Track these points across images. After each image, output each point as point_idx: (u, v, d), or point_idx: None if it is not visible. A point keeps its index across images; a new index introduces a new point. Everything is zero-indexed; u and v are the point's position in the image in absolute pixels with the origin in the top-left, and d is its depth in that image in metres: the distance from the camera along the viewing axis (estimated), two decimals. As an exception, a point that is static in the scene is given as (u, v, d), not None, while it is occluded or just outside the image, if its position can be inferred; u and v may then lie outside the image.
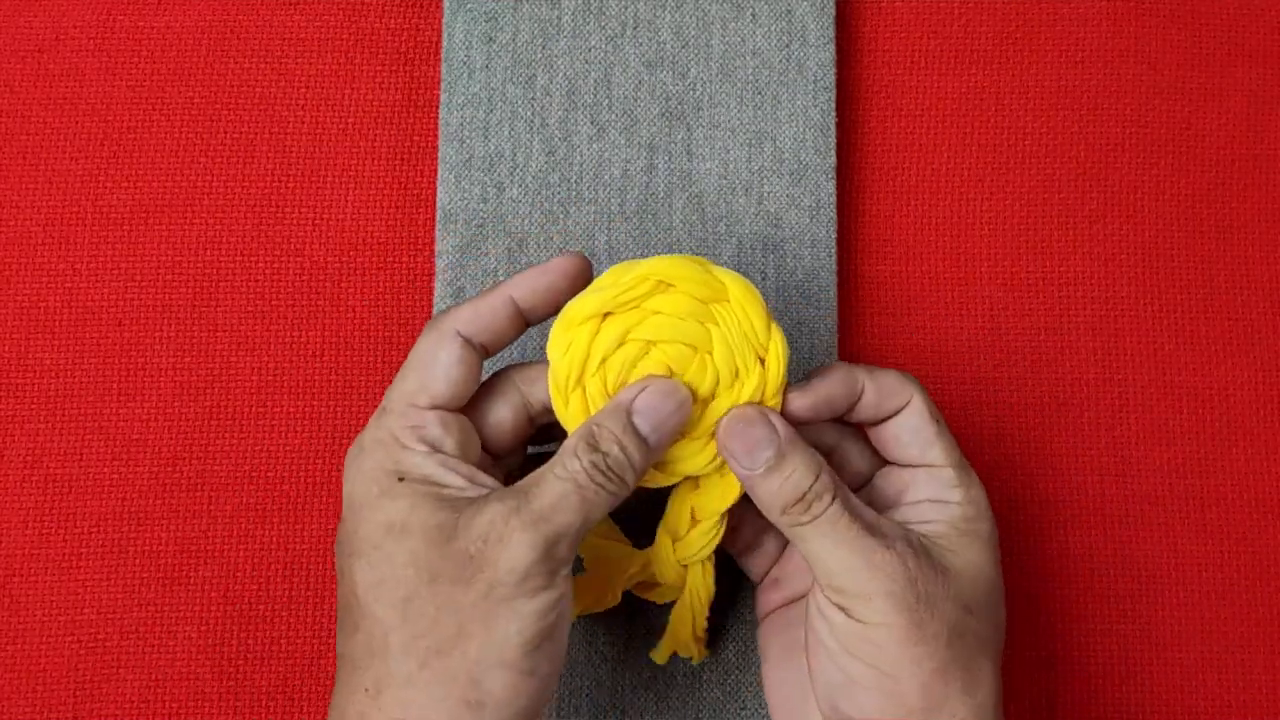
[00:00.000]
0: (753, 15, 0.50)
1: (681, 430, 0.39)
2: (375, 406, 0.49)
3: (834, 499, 0.38)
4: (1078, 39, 0.54)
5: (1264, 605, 0.50)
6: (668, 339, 0.39)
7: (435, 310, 0.48)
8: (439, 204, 0.49)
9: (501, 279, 0.46)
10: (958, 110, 0.53)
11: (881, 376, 0.41)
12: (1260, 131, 0.54)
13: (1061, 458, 0.51)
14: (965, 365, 0.51)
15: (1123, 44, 0.54)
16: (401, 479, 0.37)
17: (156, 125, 0.51)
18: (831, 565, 0.38)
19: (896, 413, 0.41)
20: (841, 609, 0.38)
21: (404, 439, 0.38)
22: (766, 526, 0.44)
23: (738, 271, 0.48)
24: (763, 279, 0.49)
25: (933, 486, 0.41)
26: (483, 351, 0.39)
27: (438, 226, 0.48)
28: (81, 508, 0.48)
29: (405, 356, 0.49)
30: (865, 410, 0.41)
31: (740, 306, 0.39)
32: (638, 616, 0.47)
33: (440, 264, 0.48)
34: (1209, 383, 0.52)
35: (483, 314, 0.39)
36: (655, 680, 0.46)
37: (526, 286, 0.39)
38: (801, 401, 0.40)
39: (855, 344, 0.51)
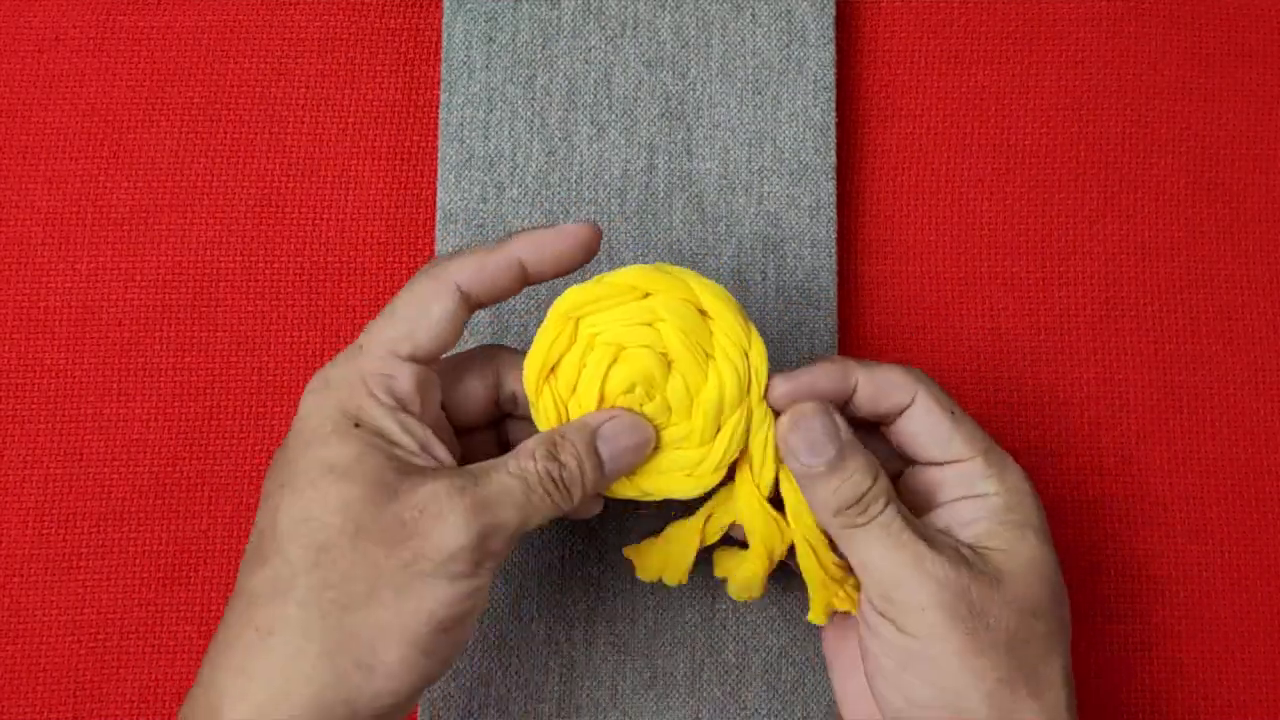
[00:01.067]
0: (753, 15, 0.50)
1: (636, 465, 0.39)
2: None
3: (889, 503, 0.38)
4: (1078, 39, 0.54)
5: (1264, 605, 0.50)
6: (637, 343, 0.39)
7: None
8: (439, 204, 0.49)
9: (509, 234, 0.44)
10: (958, 110, 0.53)
11: (880, 371, 0.40)
12: (1260, 132, 0.54)
13: (1061, 457, 0.51)
14: (965, 365, 0.51)
15: (1123, 45, 0.54)
16: (358, 425, 0.36)
17: (156, 125, 0.51)
18: (883, 574, 0.37)
19: (903, 410, 0.40)
20: (892, 622, 0.37)
21: (373, 386, 0.37)
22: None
23: (737, 272, 0.49)
24: (763, 279, 0.49)
25: (964, 481, 0.40)
26: (476, 305, 0.38)
27: (438, 226, 0.48)
28: (81, 507, 0.48)
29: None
30: (863, 404, 0.40)
31: (720, 316, 0.39)
32: (639, 617, 0.47)
33: (440, 264, 0.48)
34: (1209, 382, 0.52)
35: (488, 270, 0.38)
36: (656, 680, 0.46)
37: (536, 250, 0.38)
38: (783, 388, 0.39)
39: (855, 344, 0.51)
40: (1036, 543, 0.39)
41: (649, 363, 0.39)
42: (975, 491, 0.40)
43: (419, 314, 0.37)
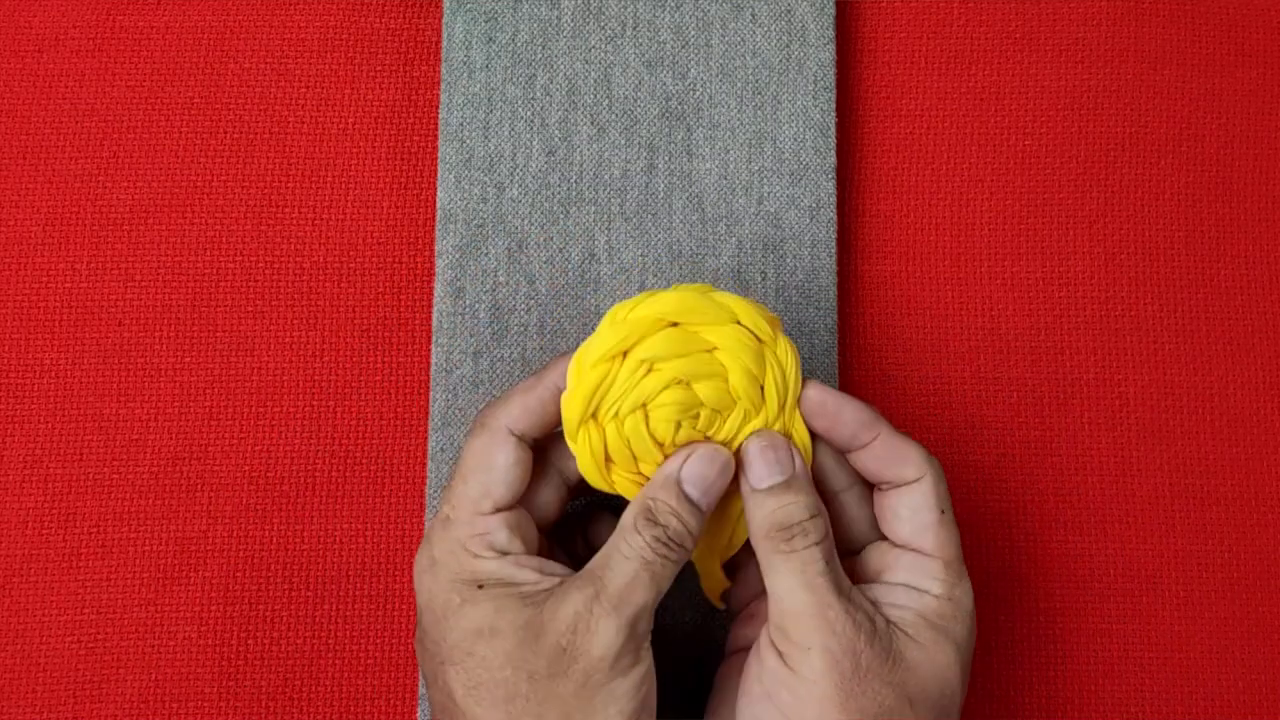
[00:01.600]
0: (752, 15, 0.50)
1: (725, 489, 0.40)
2: (375, 407, 0.49)
3: (817, 544, 0.39)
4: (1078, 39, 0.54)
5: (1264, 605, 0.50)
6: (684, 371, 0.40)
7: (435, 311, 0.48)
8: (439, 204, 0.49)
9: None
10: (958, 110, 0.53)
11: (901, 440, 0.41)
12: (1261, 132, 0.54)
13: (1061, 457, 0.51)
14: (965, 365, 0.51)
15: (1123, 44, 0.54)
16: (481, 586, 0.38)
17: (156, 125, 0.51)
18: (786, 605, 0.38)
19: (903, 485, 0.41)
20: (779, 653, 0.38)
21: (474, 548, 0.39)
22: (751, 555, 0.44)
23: (737, 272, 0.49)
24: (762, 279, 0.49)
25: (915, 573, 0.40)
26: (533, 444, 0.41)
27: (438, 226, 0.48)
28: (81, 508, 0.48)
29: (405, 356, 0.50)
30: (870, 462, 0.41)
31: (748, 325, 0.40)
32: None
33: (440, 264, 0.48)
34: (1209, 382, 0.52)
35: (533, 410, 0.40)
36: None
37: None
38: (816, 394, 0.40)
39: (855, 344, 0.51)
40: (950, 654, 0.39)
41: (711, 389, 0.40)
42: (919, 585, 0.40)
43: (487, 469, 0.40)
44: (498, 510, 0.40)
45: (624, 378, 0.39)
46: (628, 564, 0.38)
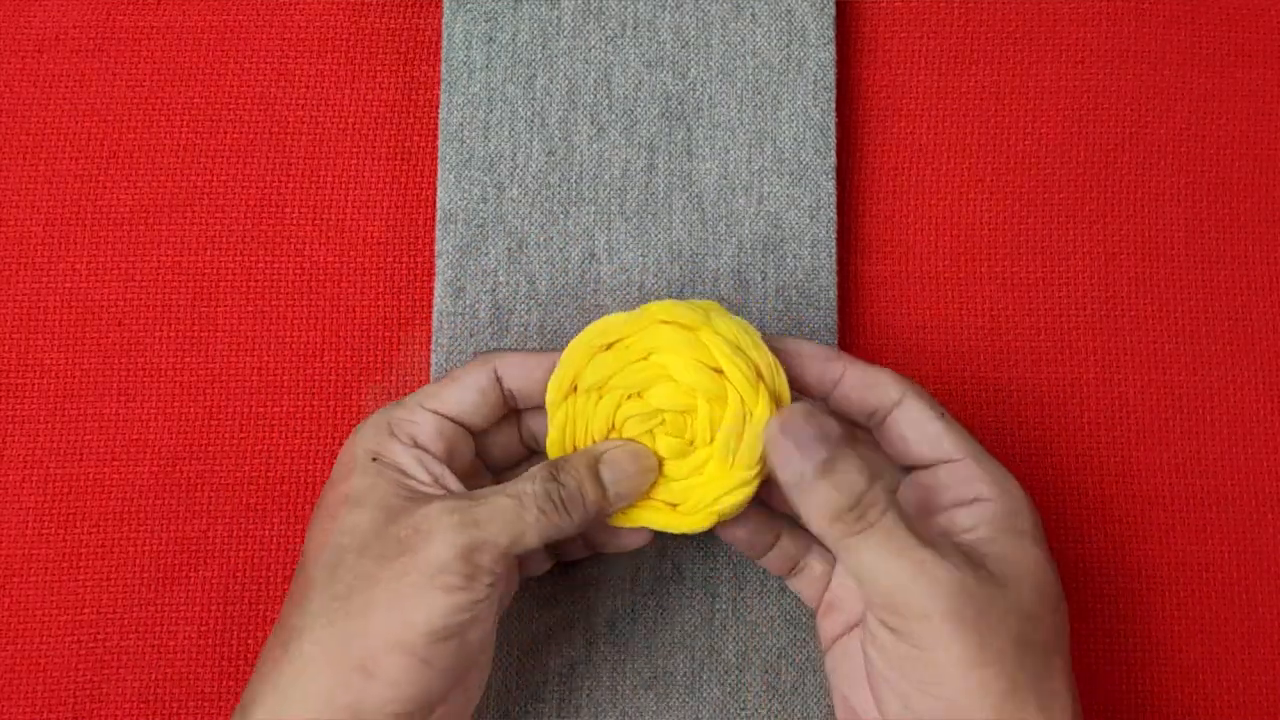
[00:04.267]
0: (752, 15, 0.50)
1: (641, 495, 0.41)
2: (376, 406, 0.49)
3: (889, 507, 0.37)
4: (1078, 39, 0.54)
5: (1265, 606, 0.50)
6: (629, 385, 0.41)
7: (435, 311, 0.48)
8: (439, 204, 0.49)
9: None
10: (958, 110, 0.53)
11: (870, 367, 0.41)
12: (1260, 132, 0.54)
13: (1061, 458, 0.51)
14: (965, 365, 0.51)
15: (1123, 44, 0.54)
16: (375, 459, 0.40)
17: (156, 125, 0.51)
18: (886, 582, 0.36)
19: (892, 409, 0.40)
20: (894, 632, 0.37)
21: (396, 429, 0.40)
22: (808, 544, 0.43)
23: (737, 272, 0.49)
24: (763, 279, 0.49)
25: (959, 488, 0.39)
26: (511, 398, 0.42)
27: (438, 227, 0.48)
28: (81, 507, 0.48)
29: (405, 356, 0.50)
30: (852, 398, 0.40)
31: (668, 319, 0.40)
32: (639, 617, 0.47)
33: (440, 264, 0.48)
34: (1209, 382, 0.52)
35: (530, 367, 0.41)
36: (656, 680, 0.46)
37: None
38: (775, 344, 0.40)
39: (855, 344, 0.51)
40: (1036, 551, 0.38)
41: (678, 393, 0.40)
42: (971, 496, 0.39)
43: (453, 380, 0.41)
44: (438, 415, 0.40)
45: (582, 409, 0.41)
46: (502, 499, 0.38)
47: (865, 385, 0.40)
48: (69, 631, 0.47)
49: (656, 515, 0.41)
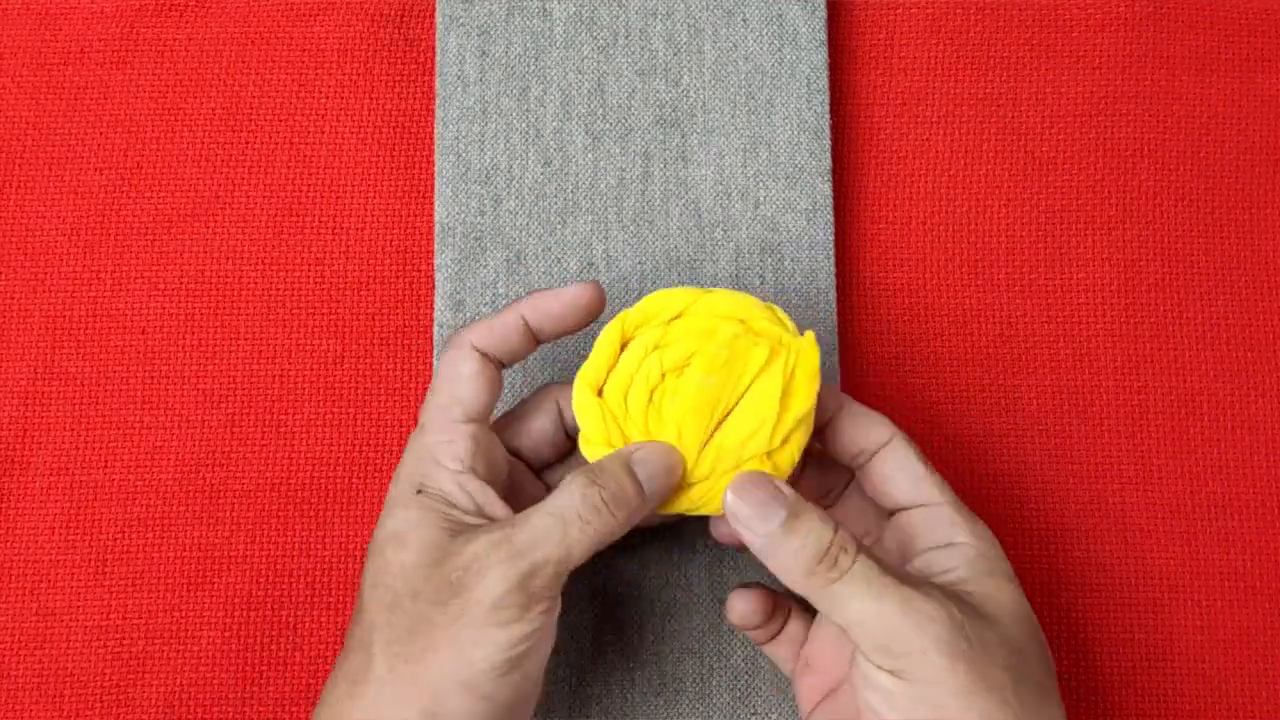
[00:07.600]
0: (744, 20, 0.50)
1: (672, 493, 0.40)
2: (395, 414, 0.50)
3: (859, 552, 0.37)
4: (1096, 45, 0.53)
5: (1287, 610, 0.49)
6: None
7: (436, 324, 0.49)
8: (437, 217, 0.49)
9: (515, 297, 0.48)
10: (955, 110, 0.52)
11: (862, 407, 0.41)
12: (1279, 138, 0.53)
13: (1081, 466, 0.50)
14: (965, 366, 0.51)
15: (1140, 49, 0.53)
16: (419, 491, 0.39)
17: (178, 136, 0.52)
18: (873, 625, 0.37)
19: (880, 449, 0.41)
20: (892, 673, 0.37)
21: (437, 454, 0.40)
22: (782, 607, 0.43)
23: (735, 276, 0.49)
24: (761, 283, 0.49)
25: (936, 531, 0.40)
26: (498, 364, 0.41)
27: (436, 240, 0.49)
28: (106, 514, 0.49)
29: (424, 365, 0.50)
30: (842, 438, 0.41)
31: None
32: (647, 624, 0.47)
33: (440, 277, 0.49)
34: (1229, 390, 0.51)
35: (496, 331, 0.41)
36: (665, 687, 0.46)
37: (535, 311, 0.41)
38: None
39: (855, 346, 0.51)
40: (1013, 589, 0.39)
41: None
42: (948, 540, 0.40)
43: (453, 378, 0.41)
44: (468, 419, 0.40)
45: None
46: (544, 518, 0.38)
47: (857, 425, 0.41)
48: (95, 636, 0.48)
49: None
